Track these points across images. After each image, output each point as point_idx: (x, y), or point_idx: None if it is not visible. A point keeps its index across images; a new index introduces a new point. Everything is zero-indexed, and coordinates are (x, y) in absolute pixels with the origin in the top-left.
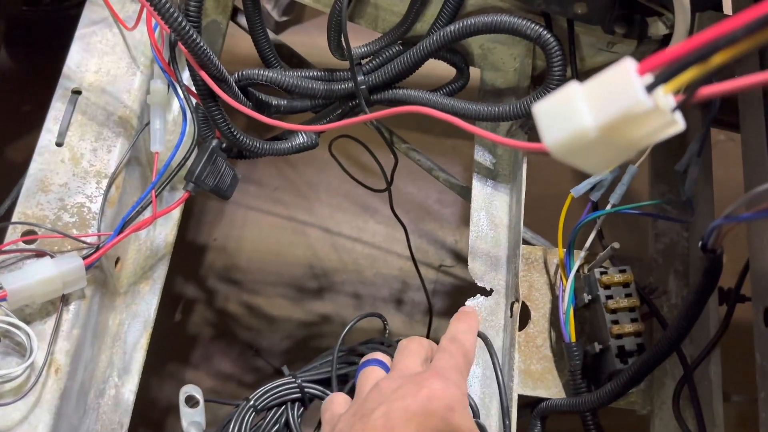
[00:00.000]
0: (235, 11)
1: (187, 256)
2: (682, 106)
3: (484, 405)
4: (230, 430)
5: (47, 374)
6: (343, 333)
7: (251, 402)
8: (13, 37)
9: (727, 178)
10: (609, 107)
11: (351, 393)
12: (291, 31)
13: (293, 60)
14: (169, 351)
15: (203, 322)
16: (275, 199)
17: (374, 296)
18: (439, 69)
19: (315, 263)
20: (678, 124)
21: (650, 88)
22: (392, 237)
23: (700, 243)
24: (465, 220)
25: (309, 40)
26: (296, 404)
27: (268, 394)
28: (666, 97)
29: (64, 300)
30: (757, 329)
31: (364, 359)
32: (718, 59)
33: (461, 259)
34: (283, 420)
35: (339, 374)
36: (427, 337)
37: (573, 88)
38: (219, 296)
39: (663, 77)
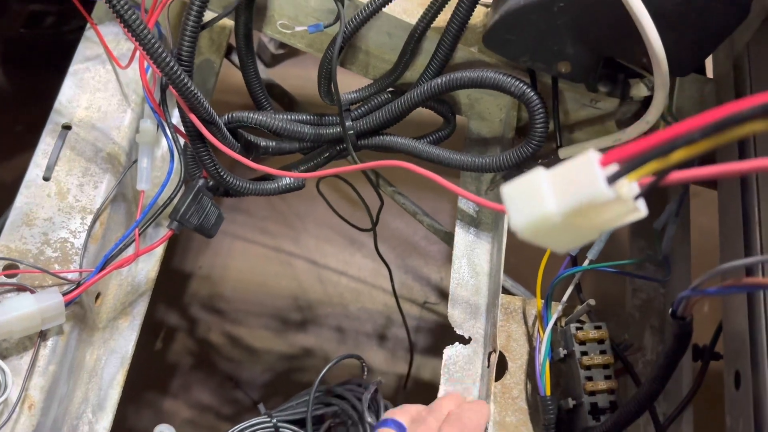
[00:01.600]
0: (229, 49)
1: (171, 283)
2: (644, 194)
3: None
4: None
5: (20, 410)
6: (321, 374)
7: None
8: (10, 57)
9: (711, 227)
10: (572, 195)
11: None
12: (287, 64)
13: (285, 99)
14: (147, 379)
15: (184, 350)
16: (262, 228)
17: (357, 331)
18: (426, 113)
19: (300, 295)
20: (640, 211)
21: (613, 178)
22: (378, 272)
23: (670, 310)
24: (451, 257)
25: (304, 73)
26: None
27: None
28: (629, 185)
29: (42, 335)
30: (728, 392)
31: (383, 417)
32: (677, 156)
33: (445, 296)
34: None
35: (315, 415)
36: (408, 375)
37: (539, 174)
38: (201, 325)
39: (626, 169)
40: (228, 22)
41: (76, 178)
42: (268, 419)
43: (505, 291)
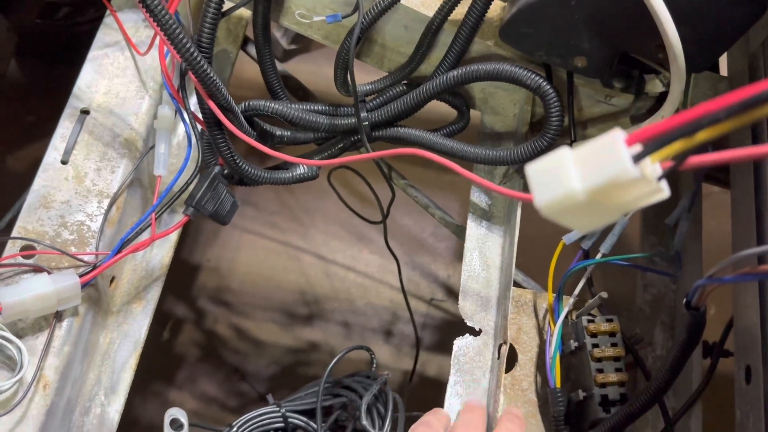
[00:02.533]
0: (245, 40)
1: (180, 275)
2: (667, 176)
3: None
4: None
5: (35, 390)
6: (330, 365)
7: (234, 429)
8: (24, 48)
9: (719, 230)
10: (597, 173)
11: (334, 425)
12: (298, 60)
13: (299, 92)
14: (154, 370)
15: (191, 342)
16: (271, 223)
17: (364, 326)
18: (440, 107)
19: (307, 290)
20: (663, 191)
21: (638, 158)
22: (385, 268)
23: (684, 300)
24: (459, 255)
25: (316, 68)
26: None
27: (252, 422)
28: (653, 166)
29: (58, 316)
30: (738, 386)
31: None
32: (702, 136)
33: (453, 293)
34: None
35: (323, 406)
36: (413, 370)
37: (564, 152)
38: (209, 317)
39: (650, 148)
40: (245, 12)
41: (94, 163)
42: (277, 409)
43: (516, 285)
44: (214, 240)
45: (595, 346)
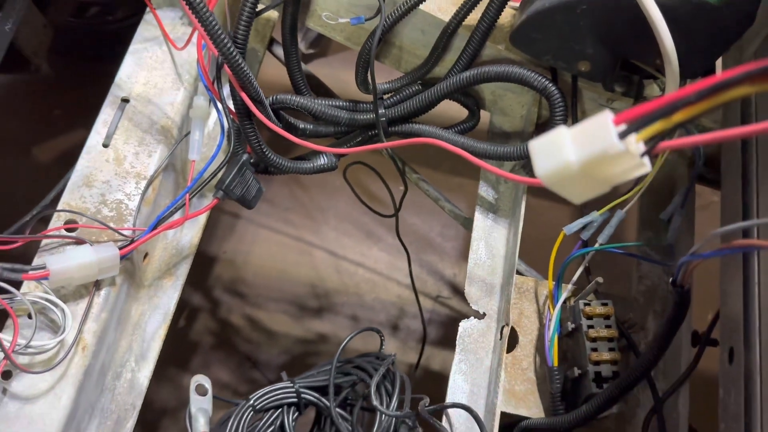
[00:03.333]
0: (270, 41)
1: (196, 265)
2: (648, 152)
3: (469, 420)
4: (229, 426)
5: (75, 351)
6: (343, 344)
7: (251, 402)
8: (54, 45)
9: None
10: (589, 147)
11: (343, 403)
12: (316, 64)
13: (320, 90)
14: (169, 356)
15: (205, 330)
16: (285, 219)
17: (371, 320)
18: (452, 111)
19: (318, 284)
20: (645, 166)
21: (623, 135)
22: (394, 265)
23: (670, 279)
24: (465, 254)
25: (332, 73)
26: (292, 408)
27: (267, 397)
28: (637, 144)
29: (97, 285)
30: (722, 367)
31: None
32: (678, 117)
33: (458, 291)
34: (278, 423)
35: (334, 383)
36: (418, 360)
37: (562, 130)
38: (223, 307)
39: (634, 127)
40: (273, 14)
41: (133, 147)
42: (291, 385)
43: (519, 273)
44: (230, 233)
45: (591, 327)
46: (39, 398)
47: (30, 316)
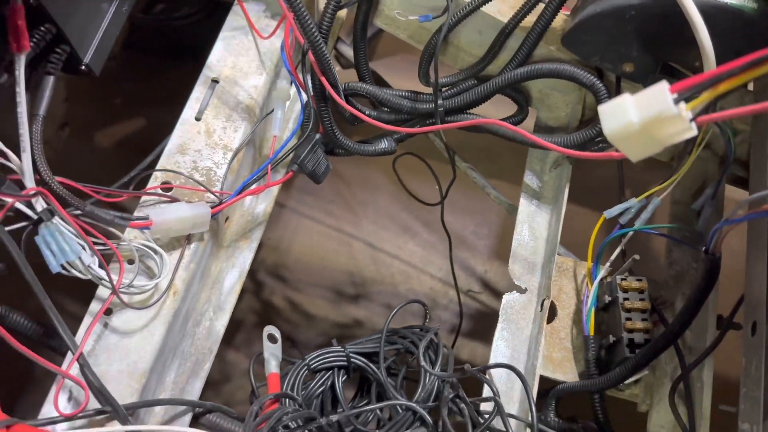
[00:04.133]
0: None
1: None
2: (695, 118)
3: (510, 380)
4: (287, 380)
5: (167, 295)
6: (393, 313)
7: (306, 361)
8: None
9: (741, 249)
10: (648, 110)
11: (387, 370)
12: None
13: (381, 84)
14: None
15: (249, 309)
16: (328, 211)
17: (405, 310)
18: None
19: (355, 272)
20: (693, 130)
21: (677, 101)
22: (428, 259)
23: (703, 248)
24: (497, 253)
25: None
26: (342, 371)
27: (321, 358)
28: (687, 111)
29: (188, 239)
30: (745, 339)
31: None
32: (722, 87)
33: (488, 287)
34: (329, 383)
35: (378, 351)
36: (454, 343)
37: (626, 96)
38: (266, 289)
39: (685, 95)
40: (341, 13)
41: (221, 122)
42: (342, 350)
43: (559, 255)
44: (275, 222)
45: (626, 299)
46: (135, 333)
47: (130, 262)
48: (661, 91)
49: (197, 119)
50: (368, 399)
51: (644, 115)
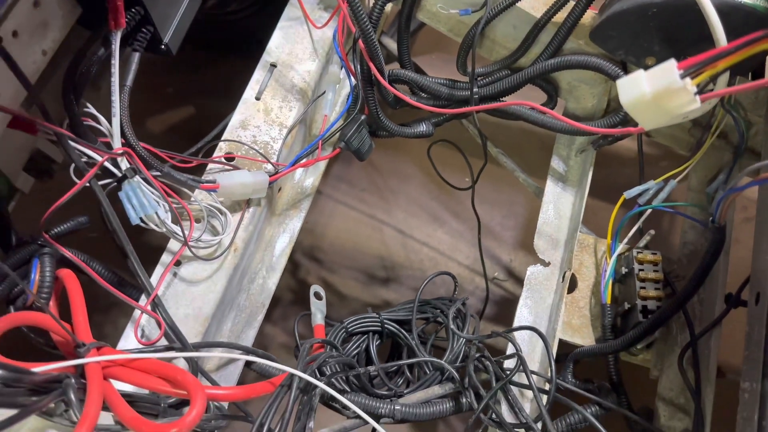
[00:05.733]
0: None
1: None
2: (699, 92)
3: (531, 343)
4: (328, 338)
5: (229, 251)
6: (424, 283)
7: (344, 324)
8: None
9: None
10: (659, 82)
11: (418, 337)
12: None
13: (420, 72)
14: None
15: (286, 287)
16: (361, 198)
17: (432, 293)
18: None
19: (386, 257)
20: (697, 102)
21: (683, 75)
22: (455, 247)
23: (710, 218)
24: (522, 244)
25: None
26: (375, 336)
27: (357, 322)
28: (692, 86)
29: (248, 203)
30: (750, 307)
31: None
32: (722, 64)
33: (513, 275)
34: (364, 346)
35: (409, 319)
36: (481, 314)
37: (640, 72)
38: (302, 269)
39: (691, 71)
40: (387, 7)
41: (278, 102)
42: (377, 316)
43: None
44: (312, 206)
45: (641, 270)
46: (200, 283)
47: (198, 220)
48: (670, 67)
49: (257, 99)
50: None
51: (655, 87)
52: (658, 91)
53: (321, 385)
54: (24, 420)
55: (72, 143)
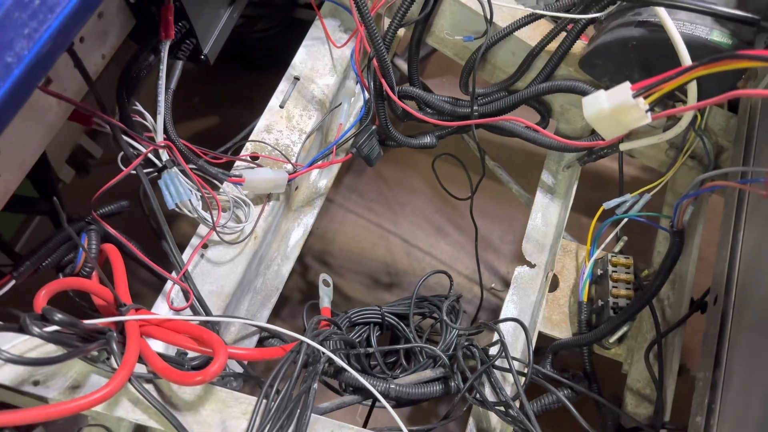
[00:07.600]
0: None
1: None
2: (651, 109)
3: (515, 334)
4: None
5: (250, 238)
6: (419, 283)
7: (348, 314)
8: None
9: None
10: (615, 100)
11: (414, 330)
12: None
13: (427, 90)
14: None
15: (296, 288)
16: (369, 208)
17: (430, 293)
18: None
19: (390, 263)
20: (647, 118)
21: (635, 96)
22: (456, 257)
23: (669, 224)
24: (520, 257)
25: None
26: (376, 327)
27: (360, 313)
28: (644, 104)
29: (268, 197)
30: (709, 307)
31: None
32: (666, 87)
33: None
34: (365, 336)
35: (407, 313)
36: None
37: (601, 91)
38: (311, 272)
39: (642, 92)
40: (400, 32)
41: (299, 111)
42: (378, 309)
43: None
44: (323, 214)
45: (614, 272)
46: (224, 264)
47: (225, 209)
48: (625, 88)
49: (281, 107)
50: (397, 355)
51: (612, 104)
52: (615, 107)
53: (327, 351)
54: (73, 360)
55: (122, 135)
